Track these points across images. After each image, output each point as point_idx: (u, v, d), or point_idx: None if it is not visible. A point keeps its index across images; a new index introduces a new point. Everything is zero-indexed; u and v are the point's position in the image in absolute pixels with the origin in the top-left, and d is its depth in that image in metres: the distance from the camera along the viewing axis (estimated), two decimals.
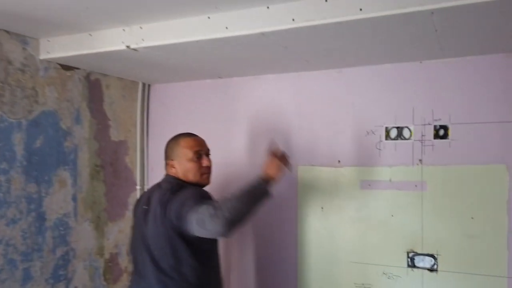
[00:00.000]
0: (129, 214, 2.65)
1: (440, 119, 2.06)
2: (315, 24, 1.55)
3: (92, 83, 2.42)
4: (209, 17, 1.72)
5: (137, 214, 1.95)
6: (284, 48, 1.88)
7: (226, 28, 1.70)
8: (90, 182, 2.40)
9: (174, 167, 1.90)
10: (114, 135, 2.59)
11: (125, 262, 2.62)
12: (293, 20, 1.58)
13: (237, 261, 2.51)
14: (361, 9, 1.47)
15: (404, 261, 2.11)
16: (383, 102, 2.18)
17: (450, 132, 2.04)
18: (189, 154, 1.88)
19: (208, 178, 1.94)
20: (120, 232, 2.59)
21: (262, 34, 1.67)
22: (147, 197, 1.91)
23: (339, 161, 2.25)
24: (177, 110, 2.72)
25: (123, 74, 2.55)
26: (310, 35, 1.69)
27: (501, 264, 1.93)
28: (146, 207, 1.85)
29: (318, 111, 2.32)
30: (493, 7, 1.39)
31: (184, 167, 1.88)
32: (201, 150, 1.92)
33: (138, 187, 2.74)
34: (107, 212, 2.52)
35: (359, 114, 2.22)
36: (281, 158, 1.87)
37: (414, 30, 1.63)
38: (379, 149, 2.17)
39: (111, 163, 2.57)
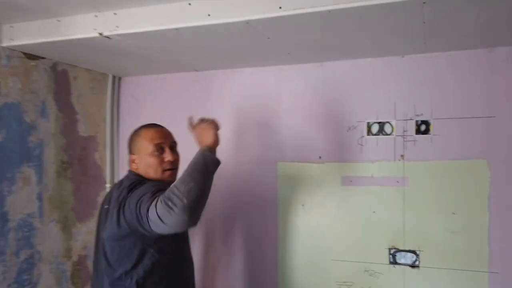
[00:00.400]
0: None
1: (421, 114, 2.05)
2: (303, 12, 1.48)
3: (58, 74, 2.27)
4: (190, 4, 1.63)
5: (100, 214, 1.79)
6: (267, 39, 1.81)
7: (209, 15, 1.60)
8: (56, 180, 2.25)
9: (135, 162, 1.73)
10: (83, 130, 2.44)
11: None
12: (280, 8, 1.50)
13: (222, 263, 2.42)
14: None
15: (386, 258, 2.08)
16: (364, 97, 2.14)
17: (431, 127, 2.03)
18: (149, 147, 1.69)
19: (172, 175, 1.73)
20: (89, 233, 2.44)
21: (247, 22, 1.58)
22: (109, 195, 1.73)
23: (320, 157, 2.20)
24: (149, 105, 2.60)
25: (93, 65, 2.40)
26: (296, 25, 1.62)
27: (482, 259, 1.93)
28: (107, 207, 1.67)
29: (298, 106, 2.26)
30: None
31: (144, 162, 1.70)
32: (163, 142, 1.72)
33: (108, 185, 2.60)
34: (75, 211, 2.37)
35: (340, 109, 2.18)
36: (207, 123, 1.71)
37: (402, 21, 1.59)
38: (361, 145, 2.14)
39: (79, 159, 2.41)
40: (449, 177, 1.99)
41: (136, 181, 1.65)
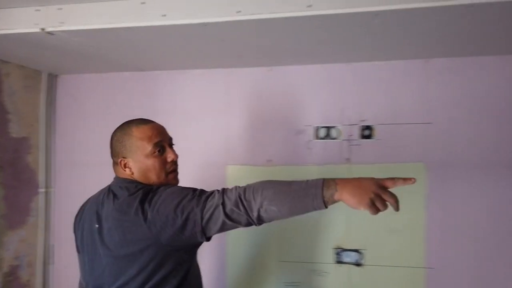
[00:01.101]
0: (32, 220, 2.34)
1: (366, 120, 2.14)
2: (262, 18, 1.49)
3: None
4: (143, 2, 1.57)
5: (82, 234, 1.51)
6: (221, 41, 1.79)
7: (163, 15, 1.56)
8: None
9: (128, 167, 1.46)
10: (15, 130, 2.26)
11: (26, 275, 2.31)
12: (238, 12, 1.50)
13: None
14: (309, 6, 1.45)
15: (331, 257, 2.16)
16: (312, 101, 2.20)
17: (374, 132, 2.13)
18: (147, 147, 1.44)
19: (176, 177, 1.54)
20: (22, 241, 2.27)
21: (204, 24, 1.56)
22: (94, 211, 1.47)
23: (269, 160, 2.23)
24: (89, 105, 2.47)
25: (27, 61, 2.23)
26: (253, 30, 1.63)
27: (419, 256, 2.07)
28: (98, 225, 1.43)
29: (247, 109, 2.27)
30: (432, 13, 1.46)
31: (143, 166, 1.45)
32: (162, 140, 1.48)
33: (42, 190, 2.43)
34: (6, 219, 2.19)
35: (289, 113, 2.22)
36: (386, 195, 1.34)
37: (354, 30, 1.65)
38: (309, 148, 2.19)
39: (11, 162, 2.23)
40: None
41: (138, 189, 1.41)
